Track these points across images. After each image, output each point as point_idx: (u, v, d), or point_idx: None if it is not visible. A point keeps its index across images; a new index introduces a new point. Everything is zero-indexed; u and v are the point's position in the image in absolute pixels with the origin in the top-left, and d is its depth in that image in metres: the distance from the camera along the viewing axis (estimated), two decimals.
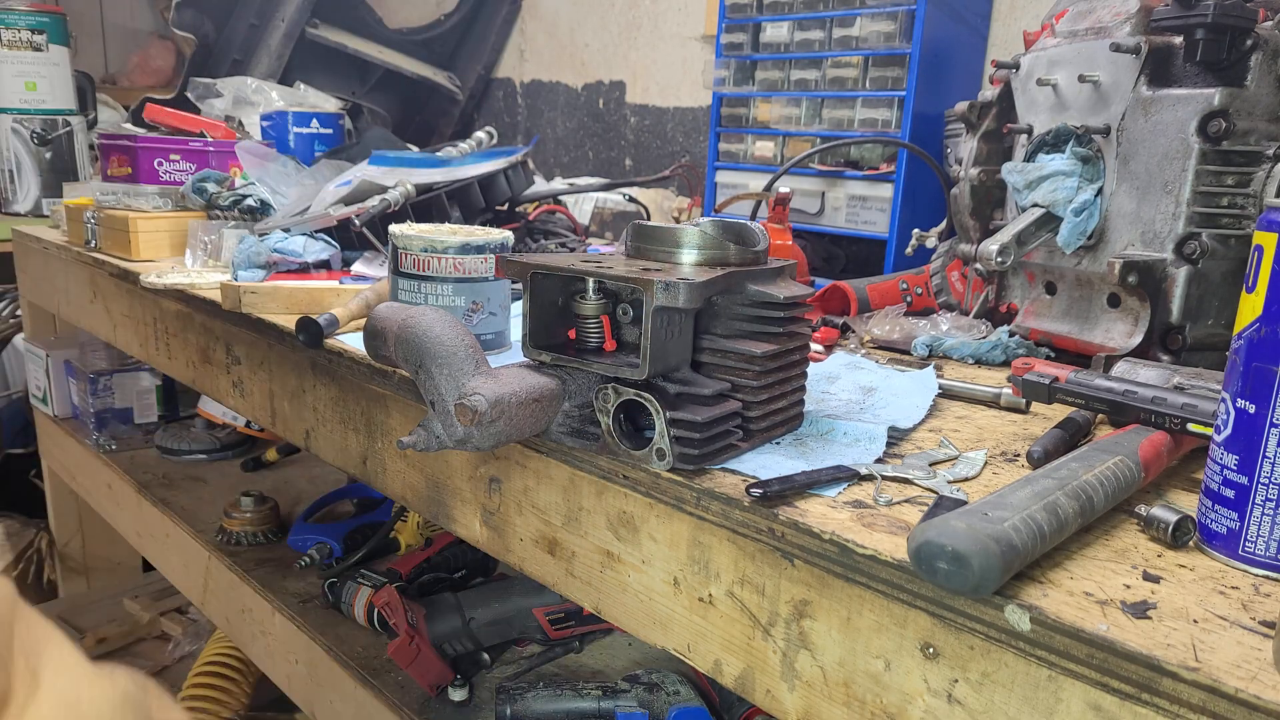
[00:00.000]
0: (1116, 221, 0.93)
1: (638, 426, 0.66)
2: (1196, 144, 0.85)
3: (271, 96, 2.15)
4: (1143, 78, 0.89)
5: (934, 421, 0.78)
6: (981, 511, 0.48)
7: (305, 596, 1.36)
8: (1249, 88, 0.84)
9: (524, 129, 2.90)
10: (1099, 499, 0.53)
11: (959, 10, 1.62)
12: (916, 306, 1.20)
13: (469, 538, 0.82)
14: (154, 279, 1.25)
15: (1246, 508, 0.51)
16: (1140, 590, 0.48)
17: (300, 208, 1.43)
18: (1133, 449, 0.58)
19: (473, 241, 0.90)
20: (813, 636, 0.55)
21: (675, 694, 1.07)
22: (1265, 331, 0.49)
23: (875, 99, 1.60)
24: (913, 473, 0.63)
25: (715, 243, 0.68)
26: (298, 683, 1.30)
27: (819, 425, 0.73)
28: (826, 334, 1.04)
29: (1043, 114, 1.02)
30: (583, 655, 1.26)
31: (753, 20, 1.77)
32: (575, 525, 0.70)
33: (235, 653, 1.62)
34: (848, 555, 0.52)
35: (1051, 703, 0.45)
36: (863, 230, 1.63)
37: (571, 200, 1.85)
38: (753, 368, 0.66)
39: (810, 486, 0.60)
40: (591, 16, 2.58)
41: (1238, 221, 0.87)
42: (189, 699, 1.57)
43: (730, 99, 1.84)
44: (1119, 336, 0.94)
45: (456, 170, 1.45)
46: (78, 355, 2.05)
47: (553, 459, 0.70)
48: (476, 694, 1.17)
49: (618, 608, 0.68)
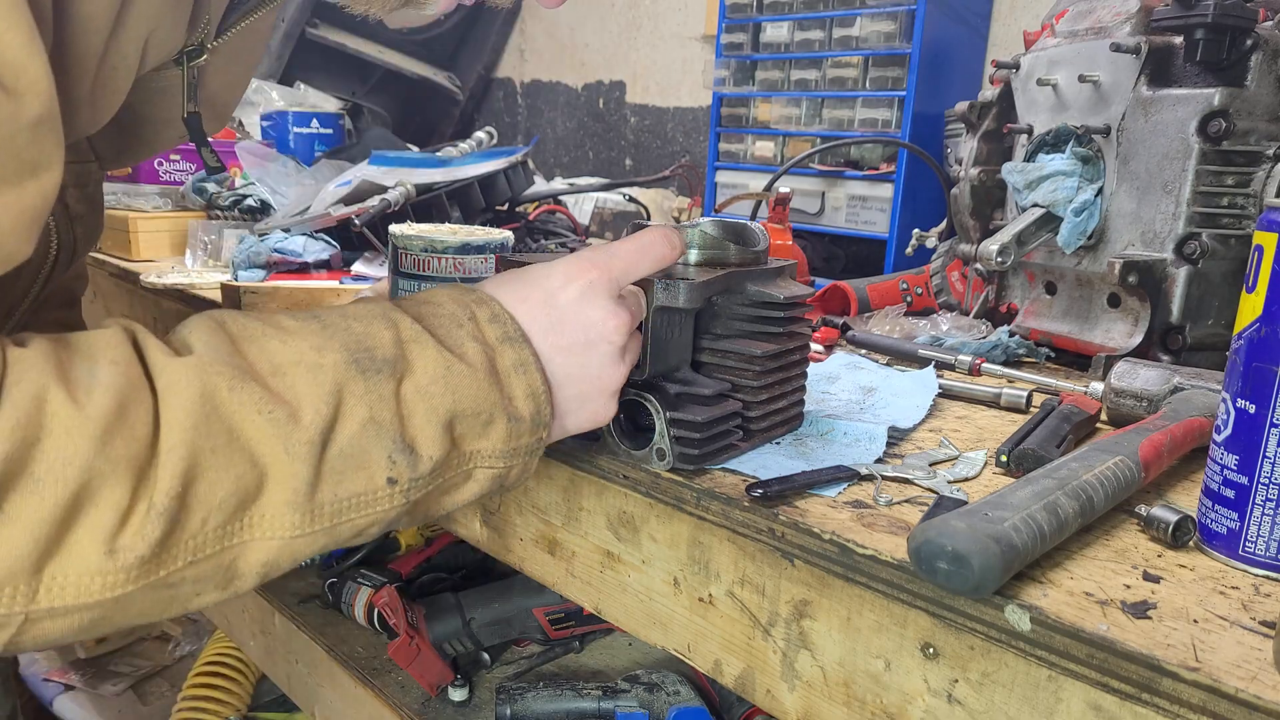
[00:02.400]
0: (1116, 221, 0.93)
1: (638, 426, 0.66)
2: (1196, 144, 0.85)
3: (271, 96, 2.15)
4: (1143, 78, 0.89)
5: (934, 421, 0.78)
6: (982, 511, 0.48)
7: (305, 596, 1.36)
8: (1249, 88, 0.84)
9: (524, 129, 2.90)
10: (1099, 499, 0.53)
11: (959, 10, 1.62)
12: (916, 306, 1.20)
13: (469, 538, 0.82)
14: (154, 279, 1.25)
15: (1246, 508, 0.51)
16: (1140, 590, 0.48)
17: (300, 208, 1.43)
18: (1133, 449, 0.58)
19: (473, 241, 0.90)
20: (813, 636, 0.55)
21: (675, 694, 1.07)
22: (1265, 331, 0.49)
23: (875, 99, 1.60)
24: (913, 473, 0.63)
25: (715, 243, 0.68)
26: (298, 683, 1.30)
27: (819, 425, 0.73)
28: (826, 334, 1.04)
29: (1043, 114, 1.02)
30: (583, 655, 1.26)
31: (753, 20, 1.77)
32: (575, 525, 0.70)
33: (235, 653, 1.62)
34: (848, 555, 0.52)
35: (1052, 703, 0.45)
36: (863, 230, 1.63)
37: (571, 200, 1.85)
38: (753, 368, 0.66)
39: (810, 486, 0.60)
40: (591, 16, 2.58)
41: (1238, 221, 0.87)
42: (189, 699, 1.57)
43: (730, 99, 1.84)
44: (1119, 336, 0.94)
45: (456, 170, 1.45)
46: None
47: (553, 459, 0.70)
48: (476, 694, 1.17)
49: (618, 608, 0.68)
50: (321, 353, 0.49)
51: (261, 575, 0.48)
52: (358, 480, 0.49)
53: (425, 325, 0.53)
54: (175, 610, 0.47)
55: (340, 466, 0.48)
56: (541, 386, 0.55)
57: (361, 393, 0.49)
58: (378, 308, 0.54)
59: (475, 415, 0.52)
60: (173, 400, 0.44)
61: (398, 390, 0.50)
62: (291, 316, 0.51)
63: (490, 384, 0.53)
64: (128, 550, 0.42)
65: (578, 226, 1.65)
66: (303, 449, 0.46)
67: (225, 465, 0.45)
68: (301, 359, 0.48)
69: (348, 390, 0.49)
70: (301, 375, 0.48)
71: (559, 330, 0.56)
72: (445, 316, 0.54)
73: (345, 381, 0.49)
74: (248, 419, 0.45)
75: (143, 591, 0.44)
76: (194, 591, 0.47)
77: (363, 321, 0.52)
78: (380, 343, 0.51)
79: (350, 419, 0.48)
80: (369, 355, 0.50)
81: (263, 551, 0.47)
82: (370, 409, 0.49)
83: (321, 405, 0.47)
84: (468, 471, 0.54)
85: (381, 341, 0.51)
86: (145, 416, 0.43)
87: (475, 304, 0.56)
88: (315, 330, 0.50)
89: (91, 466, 0.41)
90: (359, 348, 0.50)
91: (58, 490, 0.40)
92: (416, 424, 0.50)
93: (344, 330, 0.51)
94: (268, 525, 0.47)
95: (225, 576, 0.47)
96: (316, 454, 0.47)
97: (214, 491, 0.44)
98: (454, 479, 0.54)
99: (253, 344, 0.48)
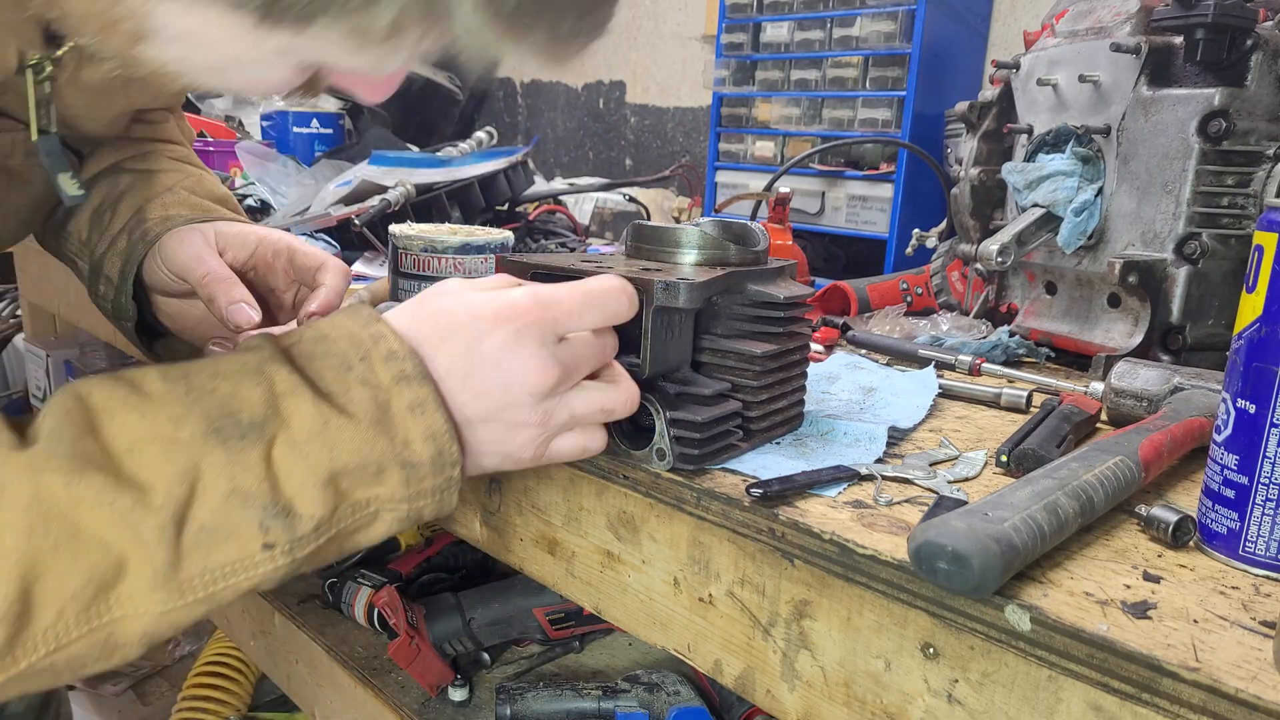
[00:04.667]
0: (1116, 221, 0.93)
1: (638, 426, 0.65)
2: (1196, 144, 0.85)
3: (271, 96, 2.15)
4: (1143, 78, 0.89)
5: (934, 421, 0.78)
6: (982, 511, 0.48)
7: (305, 596, 1.36)
8: (1249, 88, 0.84)
9: (524, 129, 2.90)
10: (1099, 499, 0.53)
11: (959, 10, 1.62)
12: (916, 306, 1.20)
13: (469, 538, 0.82)
14: None
15: (1247, 508, 0.51)
16: (1140, 590, 0.48)
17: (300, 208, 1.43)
18: (1133, 449, 0.58)
19: (473, 241, 0.90)
20: (813, 636, 0.55)
21: (675, 694, 1.07)
22: (1265, 331, 0.49)
23: (875, 99, 1.60)
24: (913, 473, 0.63)
25: (715, 243, 0.68)
26: (298, 683, 1.30)
27: (819, 425, 0.73)
28: (826, 334, 1.04)
29: (1043, 114, 1.02)
30: (583, 655, 1.26)
31: (753, 20, 1.77)
32: (575, 525, 0.70)
33: (235, 653, 1.62)
34: (848, 555, 0.52)
35: (1052, 703, 0.45)
36: (863, 230, 1.63)
37: (571, 200, 1.85)
38: (753, 368, 0.66)
39: (810, 486, 0.60)
40: None
41: (1238, 221, 0.87)
42: (189, 699, 1.57)
43: (730, 99, 1.84)
44: (1119, 336, 0.94)
45: (456, 170, 1.45)
46: (78, 355, 2.05)
47: None
48: (476, 694, 1.17)
49: (618, 608, 0.68)
50: (179, 425, 0.47)
51: (146, 643, 0.47)
52: (228, 550, 0.47)
53: (306, 374, 0.51)
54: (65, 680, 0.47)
55: (205, 540, 0.47)
56: (444, 426, 0.52)
57: (223, 464, 0.47)
58: (254, 358, 0.51)
59: (361, 469, 0.50)
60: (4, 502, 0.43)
61: (268, 454, 0.48)
62: (161, 377, 0.49)
63: (376, 433, 0.50)
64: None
65: (578, 227, 1.65)
66: (154, 533, 0.45)
67: (71, 560, 0.44)
68: (156, 434, 0.47)
69: (205, 463, 0.47)
70: (155, 454, 0.46)
71: (476, 376, 0.54)
72: (334, 358, 0.52)
73: (202, 456, 0.47)
74: (89, 512, 0.44)
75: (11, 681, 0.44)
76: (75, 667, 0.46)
77: (231, 380, 0.49)
78: (247, 403, 0.49)
79: (209, 494, 0.47)
80: (233, 421, 0.48)
81: (137, 625, 0.46)
82: (233, 480, 0.47)
83: (174, 486, 0.46)
84: (372, 514, 0.52)
85: (249, 402, 0.49)
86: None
87: (372, 341, 0.52)
88: (178, 398, 0.48)
89: None
90: (221, 413, 0.48)
91: None
92: (294, 485, 0.48)
93: (209, 393, 0.49)
94: (134, 604, 0.46)
95: (105, 650, 0.46)
96: (171, 535, 0.46)
97: (63, 586, 0.44)
98: (357, 522, 0.52)
99: (112, 419, 0.47)
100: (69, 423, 0.46)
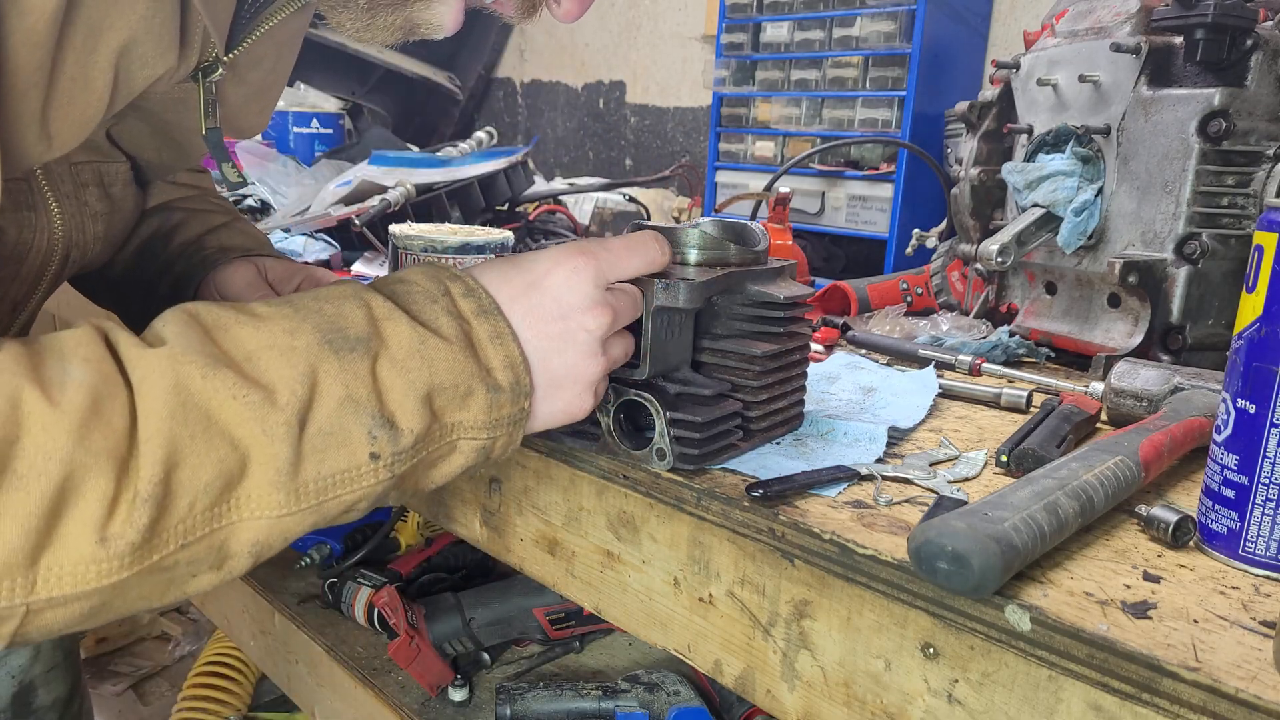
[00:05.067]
0: (1116, 221, 0.93)
1: (638, 426, 0.66)
2: (1196, 144, 0.85)
3: None
4: (1143, 78, 0.89)
5: (934, 421, 0.78)
6: (982, 511, 0.48)
7: (305, 596, 1.36)
8: (1249, 88, 0.84)
9: (524, 129, 2.90)
10: (1099, 499, 0.53)
11: (959, 10, 1.62)
12: (916, 306, 1.20)
13: (469, 538, 0.82)
14: None
15: (1247, 508, 0.51)
16: (1140, 590, 0.48)
17: (300, 208, 1.43)
18: (1133, 449, 0.58)
19: (473, 241, 0.90)
20: (813, 636, 0.55)
21: (675, 694, 1.07)
22: (1265, 331, 0.49)
23: (875, 99, 1.60)
24: (913, 473, 0.63)
25: (715, 243, 0.67)
26: (298, 683, 1.30)
27: (819, 425, 0.73)
28: (826, 334, 1.04)
29: (1043, 114, 1.02)
30: (583, 655, 1.26)
31: (753, 20, 1.77)
32: (575, 525, 0.70)
33: (235, 653, 1.62)
34: (848, 555, 0.52)
35: (1052, 703, 0.45)
36: (863, 230, 1.64)
37: (571, 200, 1.85)
38: (753, 368, 0.66)
39: (810, 486, 0.60)
40: (591, 16, 2.58)
41: (1238, 221, 0.87)
42: (189, 699, 1.57)
43: (730, 99, 1.84)
44: (1119, 336, 0.94)
45: (456, 170, 1.45)
46: None
47: (553, 459, 0.70)
48: (476, 694, 1.17)
49: (618, 608, 0.68)
50: (294, 335, 0.50)
51: (254, 555, 0.49)
52: (340, 457, 0.49)
53: (398, 302, 0.54)
54: (174, 594, 0.48)
55: (321, 444, 0.49)
56: (519, 356, 0.56)
57: (336, 371, 0.50)
58: (349, 288, 0.55)
59: (453, 387, 0.53)
60: (147, 391, 0.45)
61: (373, 367, 0.51)
62: (264, 303, 0.52)
63: (466, 356, 0.54)
64: (118, 538, 0.43)
65: (578, 226, 1.65)
66: (281, 430, 0.47)
67: (205, 450, 0.45)
68: (274, 343, 0.49)
69: (322, 370, 0.49)
70: (275, 359, 0.49)
71: (537, 310, 0.57)
72: (419, 293, 0.55)
73: (319, 361, 0.49)
74: (223, 405, 0.46)
75: (138, 577, 0.44)
76: (189, 574, 0.47)
77: (334, 303, 0.53)
78: (352, 322, 0.52)
79: (327, 398, 0.49)
80: (341, 335, 0.51)
81: (252, 531, 0.48)
82: (346, 387, 0.50)
83: (297, 386, 0.48)
84: (452, 443, 0.54)
85: (354, 321, 0.52)
86: (121, 409, 0.44)
87: (449, 280, 0.56)
88: (287, 314, 0.51)
89: (72, 460, 0.42)
90: (331, 328, 0.51)
91: (42, 484, 0.41)
92: (395, 399, 0.51)
93: (315, 312, 0.51)
94: (254, 506, 0.47)
95: (218, 557, 0.48)
96: (295, 434, 0.48)
97: (197, 476, 0.45)
98: (439, 451, 0.54)
99: (225, 333, 0.49)
100: (191, 330, 0.48)
